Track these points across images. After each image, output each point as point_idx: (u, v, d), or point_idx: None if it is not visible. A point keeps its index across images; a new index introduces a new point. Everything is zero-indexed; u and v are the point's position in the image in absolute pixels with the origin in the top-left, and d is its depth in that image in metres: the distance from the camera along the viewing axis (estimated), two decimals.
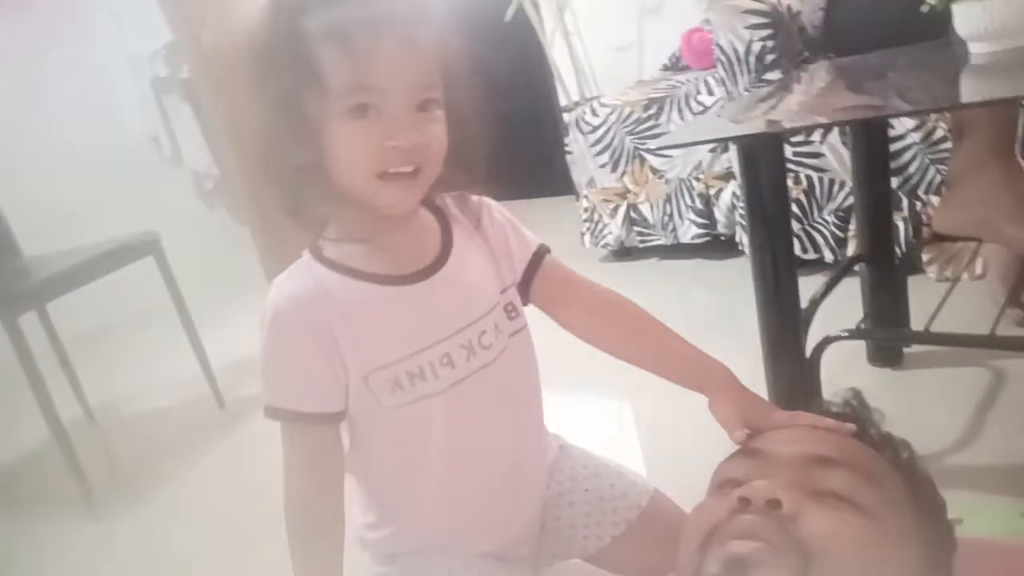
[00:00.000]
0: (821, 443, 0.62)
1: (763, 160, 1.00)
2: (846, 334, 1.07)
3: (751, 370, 0.92)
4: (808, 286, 1.11)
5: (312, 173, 0.68)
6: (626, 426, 1.45)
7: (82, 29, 2.96)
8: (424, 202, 0.77)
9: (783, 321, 1.05)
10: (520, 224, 0.83)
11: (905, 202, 1.67)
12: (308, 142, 0.66)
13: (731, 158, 1.98)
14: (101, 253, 1.73)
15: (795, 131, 1.55)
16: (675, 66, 2.47)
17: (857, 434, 0.65)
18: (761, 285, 1.04)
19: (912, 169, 1.64)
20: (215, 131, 2.87)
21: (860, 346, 1.39)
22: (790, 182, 1.80)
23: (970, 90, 0.98)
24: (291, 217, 0.72)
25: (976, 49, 0.98)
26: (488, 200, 0.81)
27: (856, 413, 0.70)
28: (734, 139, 1.02)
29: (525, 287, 0.82)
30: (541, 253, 0.82)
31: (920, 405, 1.24)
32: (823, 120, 1.10)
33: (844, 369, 1.28)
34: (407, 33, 0.65)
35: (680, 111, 2.05)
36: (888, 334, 1.35)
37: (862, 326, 1.18)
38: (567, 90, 2.83)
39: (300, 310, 0.70)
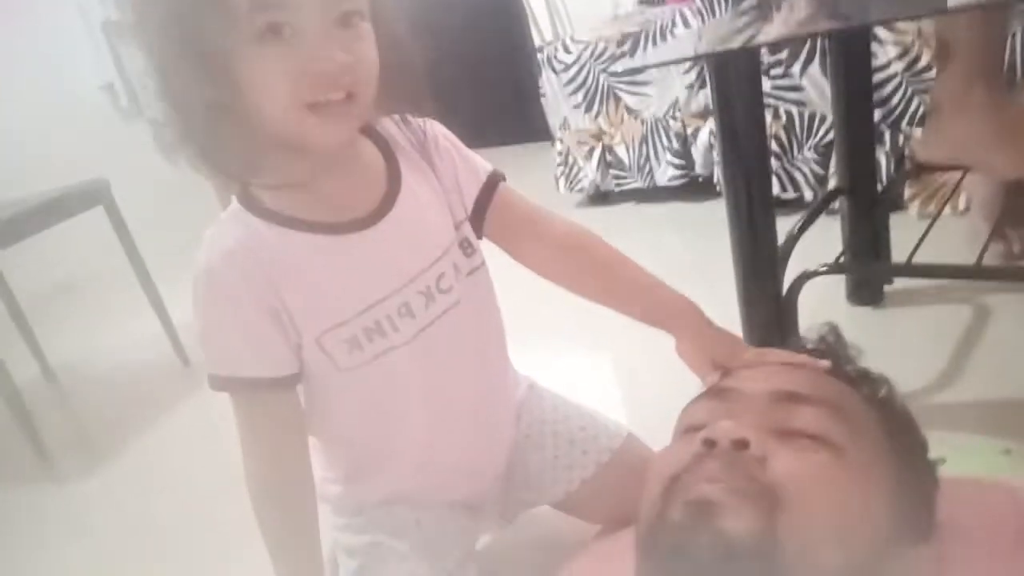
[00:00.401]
0: (792, 380, 0.57)
1: (737, 84, 0.93)
2: (825, 268, 1.02)
3: (728, 313, 0.87)
4: (788, 227, 1.06)
5: (228, 113, 0.58)
6: (605, 374, 1.41)
7: None
8: (362, 130, 0.69)
9: (758, 257, 1.00)
10: (467, 149, 0.75)
11: (887, 135, 1.61)
12: (218, 76, 0.57)
13: (708, 95, 1.91)
14: (46, 201, 1.63)
15: (771, 45, 1.48)
16: None
17: (832, 370, 0.61)
18: (735, 219, 0.99)
19: (895, 100, 1.58)
20: None
21: (839, 286, 1.34)
22: (769, 117, 1.73)
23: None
24: (214, 167, 0.62)
25: None
26: (432, 122, 0.73)
27: (831, 349, 0.66)
28: (707, 57, 0.95)
29: (478, 220, 0.75)
30: (494, 181, 0.75)
31: (901, 343, 1.20)
32: (800, 32, 1.03)
33: (823, 309, 1.23)
34: None
35: (656, 45, 1.96)
36: (869, 268, 1.30)
37: (841, 261, 1.13)
38: (541, 31, 2.72)
39: (236, 266, 0.63)
